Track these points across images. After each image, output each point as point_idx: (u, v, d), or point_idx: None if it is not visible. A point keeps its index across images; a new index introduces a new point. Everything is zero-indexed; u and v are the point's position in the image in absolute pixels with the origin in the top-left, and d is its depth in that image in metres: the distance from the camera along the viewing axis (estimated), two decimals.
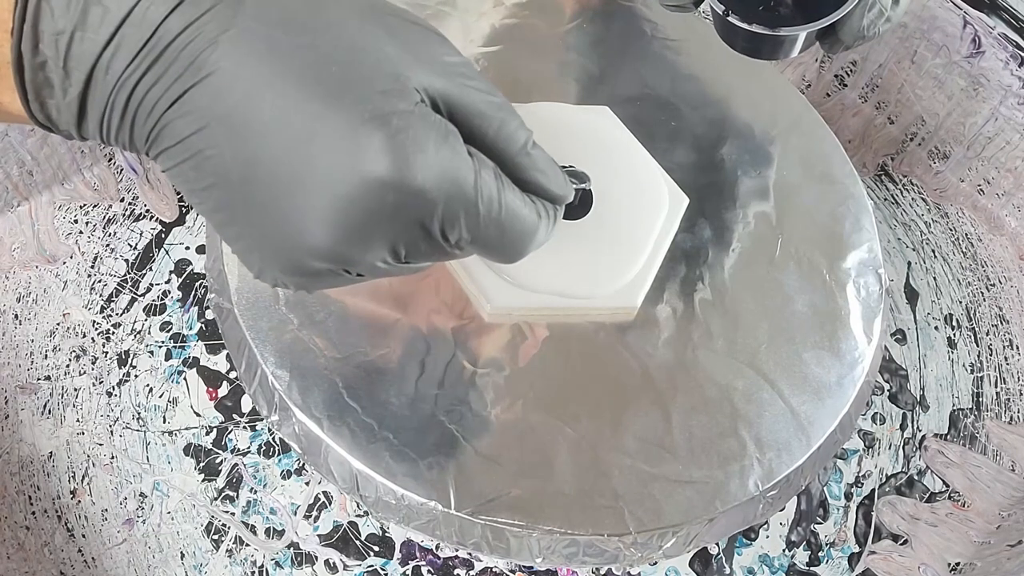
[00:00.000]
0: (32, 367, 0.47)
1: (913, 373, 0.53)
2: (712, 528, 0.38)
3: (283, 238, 0.27)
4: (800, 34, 0.39)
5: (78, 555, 0.43)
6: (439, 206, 0.27)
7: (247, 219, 0.27)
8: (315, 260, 0.27)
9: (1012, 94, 0.53)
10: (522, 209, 0.30)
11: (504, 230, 0.29)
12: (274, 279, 0.29)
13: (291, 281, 0.29)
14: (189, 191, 0.27)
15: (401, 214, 0.27)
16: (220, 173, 0.26)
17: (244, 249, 0.28)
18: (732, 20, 0.39)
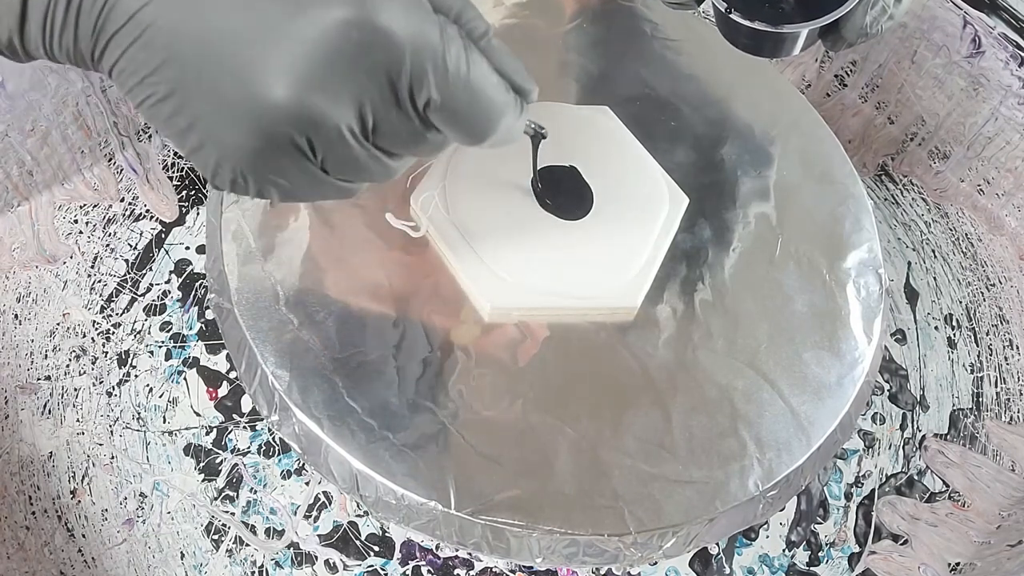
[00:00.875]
0: (32, 367, 0.47)
1: (913, 373, 0.53)
2: (712, 528, 0.38)
3: (241, 103, 0.26)
4: (802, 31, 0.38)
5: (78, 555, 0.43)
6: (406, 55, 0.26)
7: (201, 94, 0.26)
8: (277, 123, 0.26)
9: (1012, 94, 0.53)
10: (491, 76, 0.29)
11: (474, 95, 0.28)
12: (232, 173, 0.27)
13: (250, 169, 0.27)
14: (139, 84, 0.26)
15: (366, 59, 0.26)
16: (172, 45, 0.25)
17: (198, 141, 0.27)
18: (735, 17, 0.39)
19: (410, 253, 0.41)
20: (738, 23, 0.39)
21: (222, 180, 0.28)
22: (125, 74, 0.26)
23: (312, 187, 0.29)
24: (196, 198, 0.53)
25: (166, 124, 0.27)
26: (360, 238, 0.41)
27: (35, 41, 0.27)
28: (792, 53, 0.41)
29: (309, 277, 0.40)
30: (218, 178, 0.28)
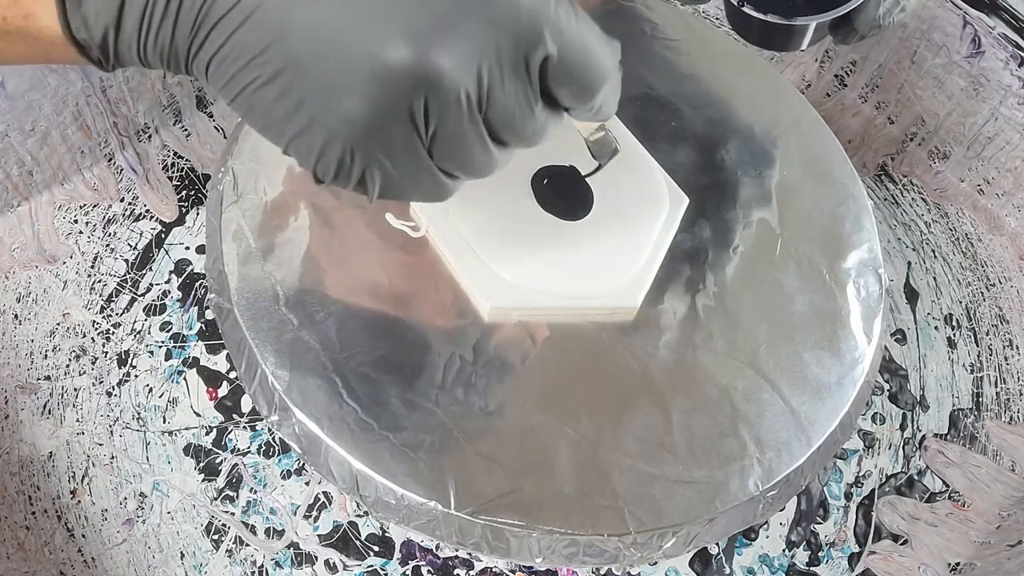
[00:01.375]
0: (32, 367, 0.47)
1: (913, 373, 0.53)
2: (712, 528, 0.38)
3: (360, 66, 0.25)
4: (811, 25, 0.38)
5: (78, 555, 0.43)
6: (522, 9, 0.26)
7: (314, 66, 0.25)
8: (397, 84, 0.26)
9: (1012, 94, 0.53)
10: (594, 26, 0.29)
11: (585, 47, 0.28)
12: (341, 151, 0.27)
13: (360, 144, 0.27)
14: (244, 68, 0.26)
15: (486, 14, 0.26)
16: (283, 23, 0.25)
17: (307, 120, 0.26)
18: (747, 10, 0.38)
19: (410, 253, 0.41)
20: (750, 16, 0.39)
21: (327, 163, 0.28)
22: (228, 61, 0.26)
23: (414, 175, 0.29)
24: (196, 198, 0.53)
25: (271, 109, 0.27)
26: (360, 238, 0.41)
27: (129, 39, 0.27)
28: (802, 47, 0.41)
29: (309, 277, 0.40)
30: (323, 160, 0.28)
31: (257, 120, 0.28)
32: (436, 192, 0.30)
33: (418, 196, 0.30)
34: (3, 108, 0.47)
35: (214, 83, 0.27)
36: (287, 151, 0.28)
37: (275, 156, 0.42)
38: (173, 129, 0.55)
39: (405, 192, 0.30)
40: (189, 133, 0.56)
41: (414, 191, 0.30)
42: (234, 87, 0.27)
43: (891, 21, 0.38)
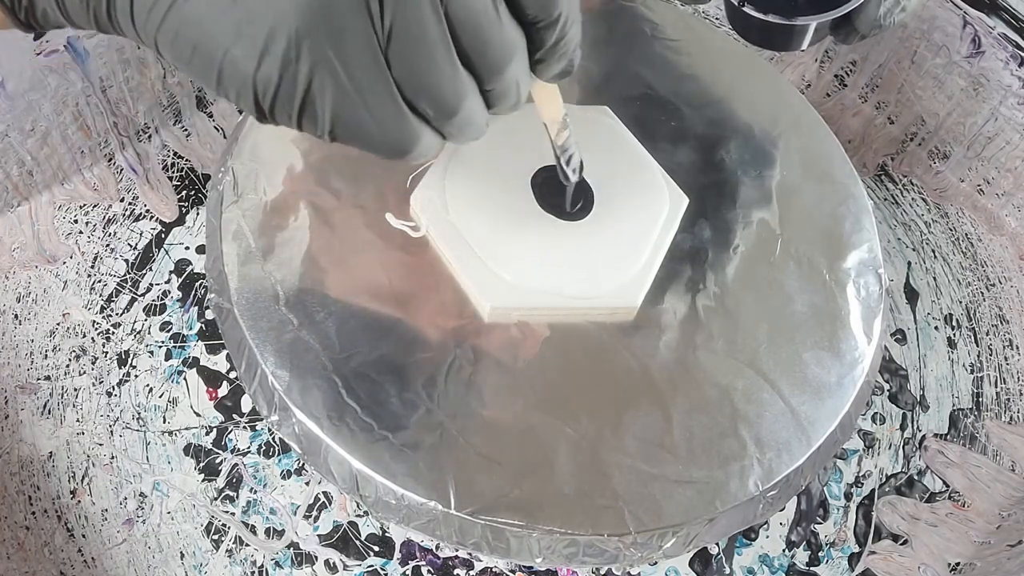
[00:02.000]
0: (32, 367, 0.47)
1: (913, 373, 0.53)
2: (712, 528, 0.38)
3: None
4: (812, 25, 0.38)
5: (78, 555, 0.43)
6: None
7: None
8: None
9: (1012, 94, 0.53)
10: None
11: None
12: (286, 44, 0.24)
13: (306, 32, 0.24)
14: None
15: None
16: None
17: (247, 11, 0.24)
18: (748, 10, 0.38)
19: (410, 253, 0.41)
20: (750, 16, 0.39)
21: (269, 69, 0.24)
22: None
23: (371, 92, 0.25)
24: (196, 198, 0.53)
25: (203, 15, 0.24)
26: (360, 238, 0.41)
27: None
28: (802, 47, 0.41)
29: (309, 277, 0.40)
30: (264, 66, 0.24)
31: (187, 42, 0.25)
32: (399, 130, 0.26)
33: (378, 134, 0.26)
34: (3, 108, 0.47)
35: (140, 12, 0.25)
36: (221, 76, 0.25)
37: (275, 156, 0.43)
38: (173, 129, 0.55)
39: (362, 122, 0.26)
40: (189, 133, 0.56)
41: (372, 120, 0.26)
42: (163, 3, 0.24)
43: (892, 21, 0.38)
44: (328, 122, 0.26)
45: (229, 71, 0.25)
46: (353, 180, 0.43)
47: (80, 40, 0.48)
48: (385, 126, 0.26)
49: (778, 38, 0.40)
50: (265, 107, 0.26)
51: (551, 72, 0.29)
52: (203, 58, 0.25)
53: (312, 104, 0.25)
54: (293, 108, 0.26)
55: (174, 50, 0.25)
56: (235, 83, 0.25)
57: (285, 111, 0.26)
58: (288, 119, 0.26)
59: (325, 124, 0.26)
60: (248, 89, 0.25)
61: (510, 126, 0.44)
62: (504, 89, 0.28)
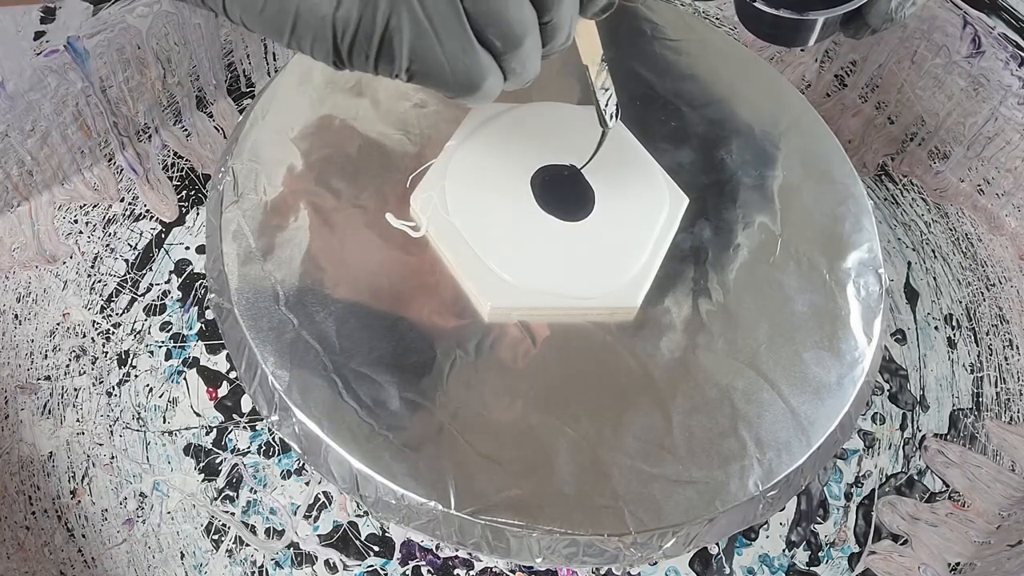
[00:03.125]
0: (32, 367, 0.47)
1: (913, 373, 0.53)
2: (712, 528, 0.38)
3: None
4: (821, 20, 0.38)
5: (78, 555, 0.43)
6: None
7: None
8: None
9: (1012, 94, 0.53)
10: None
11: None
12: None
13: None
14: None
15: None
16: None
17: None
18: (759, 5, 0.38)
19: (410, 253, 0.41)
20: (761, 11, 0.38)
21: (349, 6, 0.25)
22: None
23: (446, 28, 0.26)
24: (196, 198, 0.53)
25: None
26: (360, 238, 0.41)
27: None
28: (810, 43, 0.41)
29: (309, 277, 0.40)
30: (345, 3, 0.25)
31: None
32: (469, 65, 0.27)
33: (450, 70, 0.27)
34: (3, 108, 0.47)
35: None
36: (297, 20, 0.25)
37: (275, 156, 0.43)
38: (173, 129, 0.55)
39: (436, 58, 0.26)
40: (189, 133, 0.56)
41: (445, 56, 0.27)
42: None
43: (903, 15, 0.38)
44: (406, 60, 0.26)
45: (305, 15, 0.25)
46: (353, 180, 0.43)
47: (80, 40, 0.48)
48: (457, 62, 0.27)
49: (787, 33, 0.40)
50: (343, 49, 0.26)
51: (595, 8, 0.31)
52: (277, 6, 0.25)
53: (390, 43, 0.26)
54: (372, 48, 0.26)
55: (245, 2, 0.25)
56: (312, 27, 0.26)
57: (363, 51, 0.26)
58: (365, 60, 0.26)
59: (403, 62, 0.26)
60: (327, 31, 0.25)
61: (510, 127, 0.44)
62: (561, 20, 0.29)
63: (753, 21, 0.40)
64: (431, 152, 0.43)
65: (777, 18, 0.38)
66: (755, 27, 0.41)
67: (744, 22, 0.41)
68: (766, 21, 0.39)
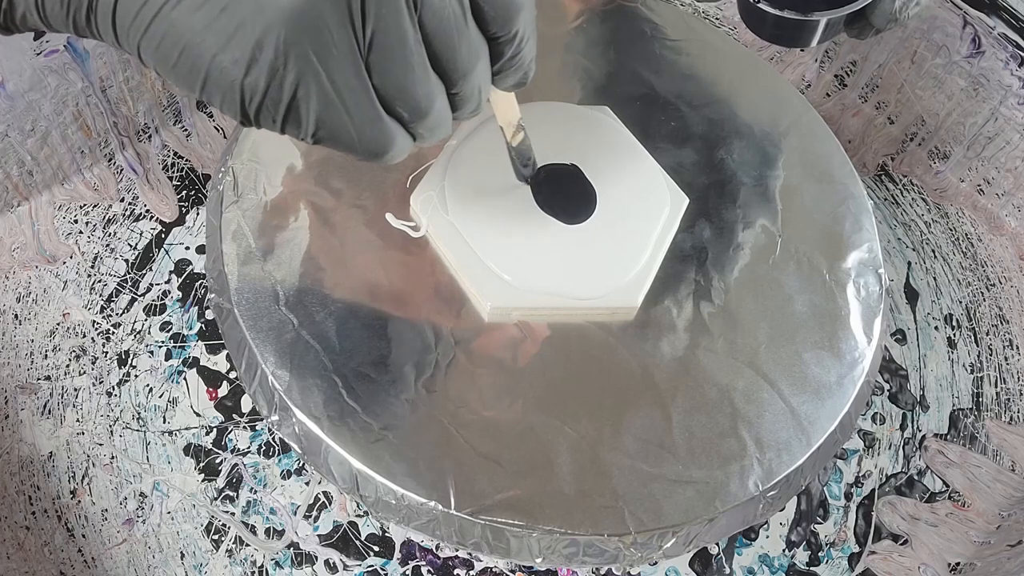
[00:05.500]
0: (32, 367, 0.47)
1: (913, 373, 0.53)
2: (712, 528, 0.38)
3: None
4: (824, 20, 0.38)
5: (78, 555, 0.43)
6: None
7: None
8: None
9: (1012, 94, 0.53)
10: None
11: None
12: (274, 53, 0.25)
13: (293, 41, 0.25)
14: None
15: None
16: None
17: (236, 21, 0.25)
18: (762, 6, 0.38)
19: (410, 253, 0.41)
20: (764, 11, 0.38)
21: (256, 76, 0.25)
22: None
23: (353, 98, 0.27)
24: (196, 198, 0.53)
25: (191, 22, 0.25)
26: (360, 238, 0.41)
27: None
28: (813, 43, 0.41)
29: (309, 277, 0.40)
30: (252, 73, 0.25)
31: (172, 49, 0.25)
32: (376, 133, 0.28)
33: (357, 136, 0.28)
34: (3, 108, 0.47)
35: (123, 18, 0.25)
36: (207, 81, 0.26)
37: (275, 156, 0.43)
38: (173, 129, 0.55)
39: (343, 126, 0.27)
40: (189, 133, 0.56)
41: (352, 124, 0.27)
42: (147, 12, 0.25)
43: (907, 15, 0.38)
44: (312, 126, 0.27)
45: (215, 77, 0.26)
46: (353, 180, 0.43)
47: (80, 40, 0.48)
48: (364, 129, 0.28)
49: (790, 33, 0.40)
50: (251, 112, 0.27)
51: (508, 83, 0.32)
52: (189, 64, 0.26)
53: (296, 110, 0.27)
54: (278, 114, 0.27)
55: (158, 55, 0.26)
56: (221, 89, 0.26)
57: (270, 116, 0.27)
58: (272, 123, 0.27)
59: (309, 128, 0.27)
60: (235, 95, 0.26)
61: None
62: (469, 92, 0.30)
63: (756, 21, 0.40)
64: (431, 152, 0.43)
65: (780, 18, 0.38)
66: (758, 27, 0.41)
67: (747, 22, 0.41)
68: (769, 21, 0.39)
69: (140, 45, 0.26)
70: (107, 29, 0.26)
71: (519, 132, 0.39)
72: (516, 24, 0.29)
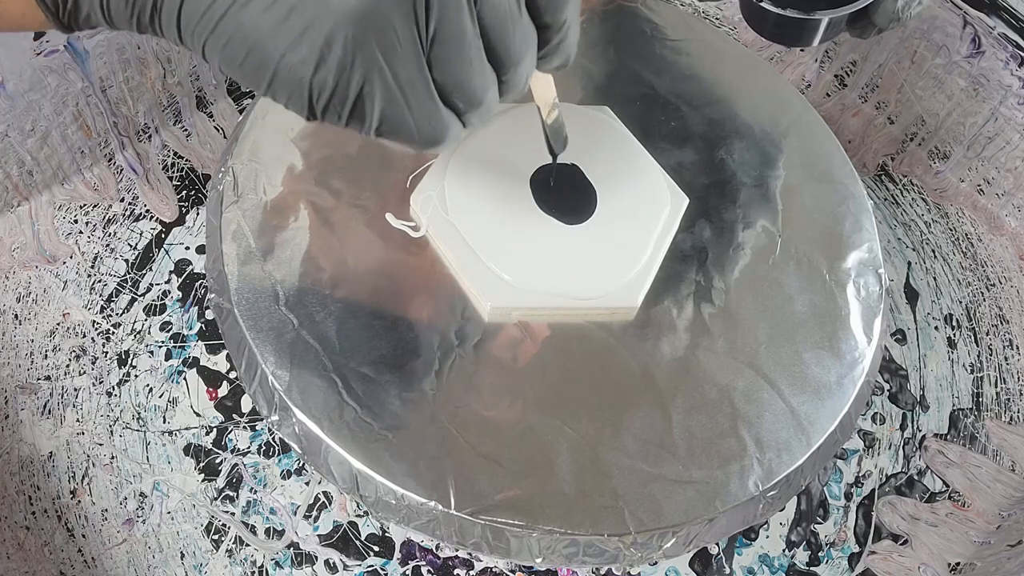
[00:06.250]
0: (32, 367, 0.47)
1: (913, 373, 0.53)
2: (712, 528, 0.38)
3: None
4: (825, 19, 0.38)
5: (78, 555, 0.43)
6: None
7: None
8: None
9: (1012, 94, 0.53)
10: None
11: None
12: (342, 53, 0.26)
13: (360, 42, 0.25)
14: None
15: None
16: None
17: (304, 23, 0.25)
18: (765, 5, 0.38)
19: (410, 253, 0.41)
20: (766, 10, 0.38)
21: (324, 74, 0.26)
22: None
23: (414, 92, 0.27)
24: (196, 198, 0.53)
25: (259, 22, 0.25)
26: (360, 238, 0.41)
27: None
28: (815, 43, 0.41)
29: (309, 277, 0.40)
30: (320, 71, 0.26)
31: (240, 48, 0.26)
32: (434, 124, 0.29)
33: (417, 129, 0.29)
34: (3, 108, 0.47)
35: (189, 18, 0.26)
36: (275, 79, 0.27)
37: (275, 156, 0.43)
38: (173, 129, 0.55)
39: (404, 120, 0.28)
40: (189, 133, 0.56)
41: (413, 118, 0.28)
42: (215, 12, 0.26)
43: (909, 15, 0.38)
44: (376, 121, 0.28)
45: (284, 75, 0.26)
46: (353, 180, 0.43)
47: (80, 40, 0.48)
48: (423, 122, 0.28)
49: (792, 32, 0.40)
50: (318, 108, 0.27)
51: (552, 65, 0.32)
52: (257, 62, 0.26)
53: (362, 106, 0.27)
54: (345, 110, 0.27)
55: (224, 54, 0.27)
56: (288, 87, 0.27)
57: (336, 112, 0.27)
58: (338, 119, 0.28)
59: (373, 123, 0.28)
60: (303, 92, 0.27)
61: (509, 127, 0.44)
62: (518, 79, 0.30)
63: (758, 20, 0.40)
64: (431, 152, 0.43)
65: (782, 17, 0.38)
66: (760, 26, 0.41)
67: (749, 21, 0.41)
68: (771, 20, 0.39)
69: (206, 44, 0.27)
70: (171, 28, 0.27)
71: (554, 110, 0.39)
72: (566, 12, 0.30)
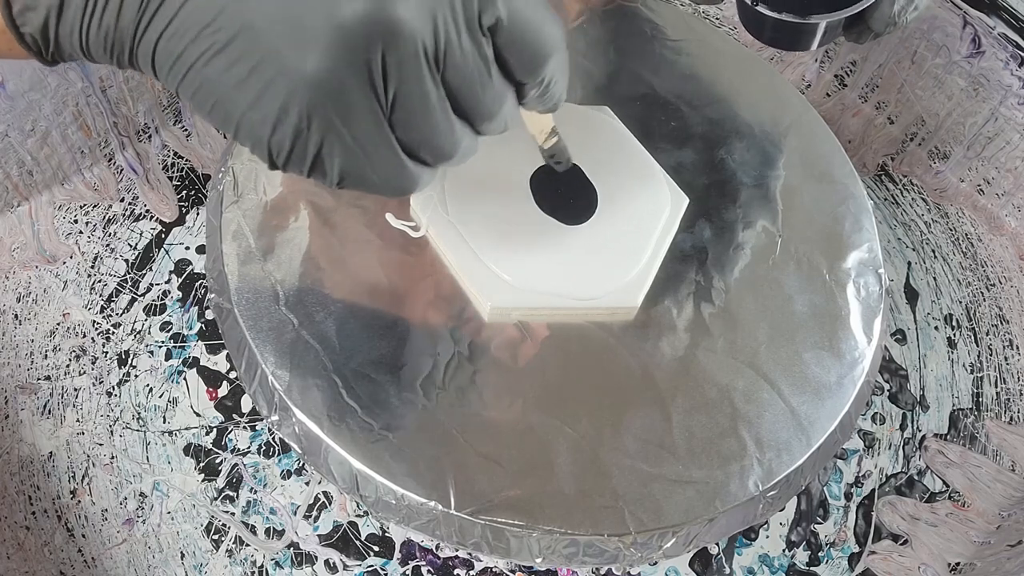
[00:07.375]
0: (32, 367, 0.47)
1: (913, 373, 0.53)
2: (712, 528, 0.38)
3: (317, 22, 0.25)
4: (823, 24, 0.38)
5: (78, 555, 0.43)
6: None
7: (268, 28, 0.25)
8: (354, 37, 0.25)
9: (1012, 94, 0.53)
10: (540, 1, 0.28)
11: (534, 14, 0.28)
12: (297, 117, 0.26)
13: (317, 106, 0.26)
14: (193, 41, 0.25)
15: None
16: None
17: (261, 85, 0.26)
18: (761, 10, 0.38)
19: (410, 253, 0.41)
20: (763, 15, 0.38)
21: (282, 135, 0.27)
22: (176, 36, 0.26)
23: (375, 150, 0.28)
24: (196, 198, 0.53)
25: (222, 80, 0.26)
26: (360, 238, 0.41)
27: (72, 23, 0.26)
28: (813, 47, 0.41)
29: (309, 277, 0.40)
30: (278, 132, 0.27)
31: (207, 99, 0.27)
32: (400, 178, 0.29)
33: (381, 183, 0.29)
34: (3, 108, 0.47)
35: (161, 65, 0.27)
36: (238, 132, 0.27)
37: None
38: (173, 129, 0.55)
39: (366, 176, 0.28)
40: (189, 133, 0.56)
41: (376, 174, 0.29)
42: (183, 64, 0.26)
43: (906, 19, 0.38)
44: (336, 176, 0.28)
45: (246, 130, 0.27)
46: None
47: None
48: (387, 176, 0.29)
49: (789, 37, 0.40)
50: (279, 164, 0.28)
51: (535, 109, 0.32)
52: (221, 115, 0.27)
53: (321, 164, 0.28)
54: (304, 166, 0.28)
55: (194, 100, 0.27)
56: (250, 140, 0.28)
57: (297, 167, 0.28)
58: (300, 172, 0.28)
59: (334, 178, 0.29)
60: (263, 147, 0.27)
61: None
62: (493, 129, 0.31)
63: (755, 25, 0.40)
64: None
65: (779, 22, 0.38)
66: (757, 31, 0.41)
67: (746, 25, 0.41)
68: (768, 25, 0.39)
69: (179, 89, 0.27)
70: (148, 70, 0.28)
71: (552, 137, 0.39)
72: (543, 72, 0.30)
